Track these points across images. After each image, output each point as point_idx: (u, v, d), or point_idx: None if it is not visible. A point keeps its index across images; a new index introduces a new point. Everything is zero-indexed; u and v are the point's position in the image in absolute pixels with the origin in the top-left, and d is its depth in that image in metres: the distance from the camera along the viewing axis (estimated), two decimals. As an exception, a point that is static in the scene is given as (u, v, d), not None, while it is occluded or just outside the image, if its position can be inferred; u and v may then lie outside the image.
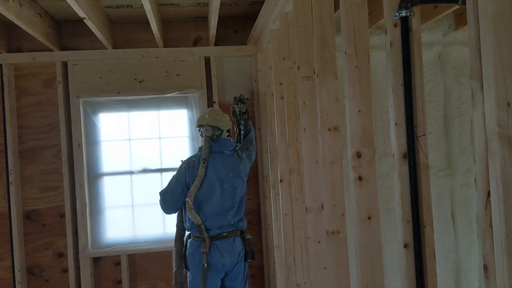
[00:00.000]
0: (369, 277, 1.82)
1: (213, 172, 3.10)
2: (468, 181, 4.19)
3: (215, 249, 3.04)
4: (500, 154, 1.00)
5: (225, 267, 3.08)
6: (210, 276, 3.03)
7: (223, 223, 3.08)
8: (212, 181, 3.08)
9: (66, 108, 3.89)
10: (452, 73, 4.15)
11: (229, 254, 3.07)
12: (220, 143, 3.20)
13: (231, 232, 3.11)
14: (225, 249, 3.06)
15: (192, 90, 3.97)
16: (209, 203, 3.06)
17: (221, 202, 3.08)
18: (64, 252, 3.87)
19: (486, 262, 1.13)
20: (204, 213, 3.05)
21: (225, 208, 3.09)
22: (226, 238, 3.08)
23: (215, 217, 3.07)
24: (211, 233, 3.06)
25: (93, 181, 3.98)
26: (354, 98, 1.84)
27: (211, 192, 3.07)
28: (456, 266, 4.19)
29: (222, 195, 3.09)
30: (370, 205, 1.89)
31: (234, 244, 3.10)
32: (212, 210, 3.06)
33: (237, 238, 3.13)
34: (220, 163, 3.14)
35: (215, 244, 3.04)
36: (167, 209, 3.20)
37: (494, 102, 1.00)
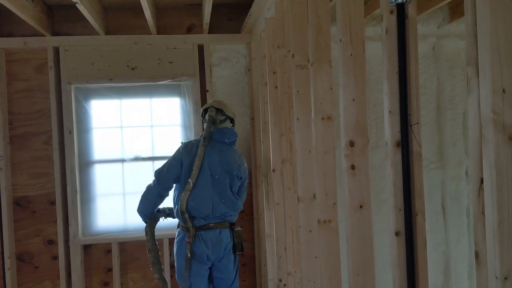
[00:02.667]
0: (360, 266, 1.82)
1: (207, 158, 3.07)
2: (459, 174, 4.22)
3: (200, 240, 3.01)
4: (494, 140, 0.99)
5: (210, 258, 3.05)
6: (195, 266, 3.01)
7: (209, 212, 3.04)
8: (205, 168, 3.07)
9: (58, 94, 3.85)
10: (445, 65, 4.16)
11: (215, 245, 3.04)
12: (222, 131, 3.18)
13: (218, 224, 3.07)
14: (210, 241, 3.03)
15: (185, 78, 3.94)
16: (198, 188, 3.02)
17: (211, 192, 3.05)
18: (54, 239, 3.85)
19: (477, 249, 1.13)
20: (192, 197, 3.01)
21: (214, 199, 3.06)
22: (212, 229, 3.05)
23: (202, 205, 3.02)
24: (197, 223, 3.02)
25: (84, 168, 3.95)
26: (348, 86, 1.83)
27: (202, 178, 3.04)
28: (445, 257, 4.23)
29: (212, 186, 3.06)
30: (362, 194, 1.89)
31: (221, 235, 3.07)
32: (200, 196, 3.02)
33: (225, 230, 3.09)
34: (216, 153, 3.11)
35: (200, 234, 3.01)
36: (156, 192, 3.10)
37: (489, 88, 1.00)
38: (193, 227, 3.00)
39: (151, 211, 3.19)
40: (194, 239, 2.99)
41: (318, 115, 2.22)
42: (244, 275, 4.13)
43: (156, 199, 3.15)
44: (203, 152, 3.06)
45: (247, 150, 4.13)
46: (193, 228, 2.99)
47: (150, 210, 3.18)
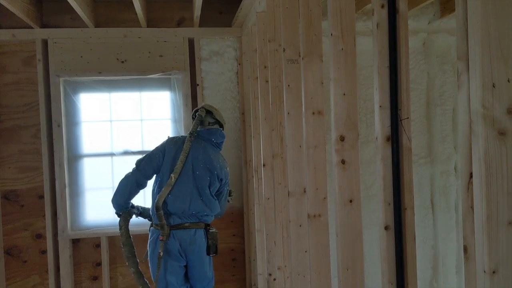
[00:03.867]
0: (349, 259, 1.83)
1: (192, 154, 3.06)
2: (448, 169, 4.25)
3: (173, 238, 2.97)
4: (483, 135, 1.00)
5: (183, 256, 3.02)
6: (170, 264, 2.98)
7: (185, 208, 2.99)
8: (188, 163, 3.04)
9: (46, 87, 3.81)
10: (435, 61, 4.18)
11: (188, 246, 3.00)
12: (210, 130, 3.18)
13: (193, 224, 3.02)
14: (184, 241, 2.98)
15: (175, 72, 3.92)
16: (179, 182, 3.00)
17: (191, 188, 3.01)
18: (42, 233, 3.82)
19: (466, 243, 1.14)
20: (171, 191, 2.98)
21: (193, 194, 3.02)
22: (187, 229, 3.00)
23: (180, 199, 2.99)
24: (172, 221, 2.98)
25: (73, 162, 3.92)
26: (339, 80, 1.83)
27: (184, 173, 3.02)
28: (434, 252, 4.26)
29: (192, 181, 3.03)
30: (352, 189, 1.89)
31: (195, 236, 3.01)
32: (179, 190, 2.99)
33: (200, 230, 3.03)
34: (201, 150, 3.10)
35: (174, 233, 2.97)
36: (133, 179, 3.06)
37: (479, 83, 1.00)
38: (168, 226, 2.96)
39: (125, 201, 3.10)
40: (168, 237, 2.95)
41: (309, 110, 2.22)
42: (233, 270, 4.13)
43: (133, 188, 3.07)
44: (188, 147, 3.05)
45: (237, 144, 4.12)
46: (167, 226, 2.95)
47: (124, 200, 3.09)
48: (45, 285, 3.83)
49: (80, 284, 3.91)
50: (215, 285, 4.03)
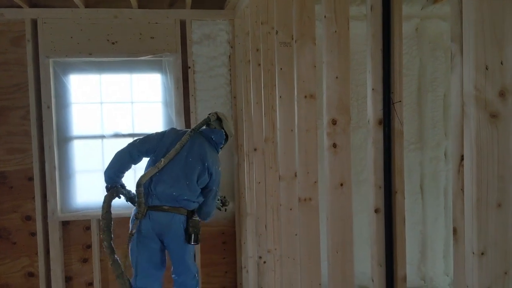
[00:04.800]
0: (339, 242, 1.84)
1: (188, 145, 3.14)
2: (437, 155, 4.28)
3: (147, 219, 2.99)
4: (475, 117, 1.00)
5: (159, 240, 3.03)
6: (142, 243, 3.00)
7: (166, 189, 3.01)
8: (183, 152, 3.11)
9: (35, 68, 3.75)
10: (428, 47, 4.18)
11: (163, 229, 3.00)
12: (213, 130, 3.30)
13: (172, 208, 3.02)
14: (159, 223, 2.99)
15: (166, 54, 3.88)
16: (169, 165, 3.05)
17: (178, 170, 3.06)
18: (32, 215, 3.80)
19: (455, 225, 1.15)
20: (159, 174, 3.04)
21: (180, 177, 3.05)
22: (165, 212, 3.00)
23: (165, 177, 3.03)
24: (150, 202, 3.01)
25: (62, 144, 3.89)
26: (332, 64, 1.82)
27: (176, 158, 3.08)
28: (422, 237, 4.31)
29: (183, 166, 3.08)
30: (343, 172, 1.90)
31: (173, 221, 3.01)
32: (167, 170, 3.04)
33: (180, 216, 3.03)
34: (198, 143, 3.17)
35: (150, 214, 2.99)
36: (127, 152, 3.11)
37: (472, 65, 1.00)
38: (146, 205, 2.98)
39: (115, 173, 3.13)
40: (143, 216, 2.97)
41: (301, 94, 2.21)
42: (224, 253, 4.15)
43: (125, 160, 3.11)
44: (186, 140, 3.12)
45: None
46: (145, 206, 2.98)
47: (114, 171, 3.12)
48: (34, 267, 3.82)
49: (70, 266, 3.91)
50: (206, 268, 4.07)
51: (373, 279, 1.64)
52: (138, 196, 2.97)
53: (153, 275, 3.07)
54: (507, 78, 0.99)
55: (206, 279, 4.10)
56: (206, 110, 4.01)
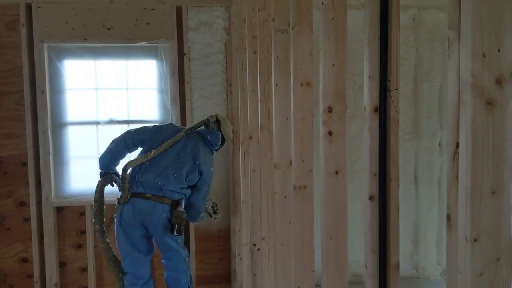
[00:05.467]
0: (333, 230, 1.84)
1: (182, 142, 3.16)
2: (432, 145, 4.30)
3: (129, 206, 3.00)
4: (471, 105, 1.00)
5: (143, 227, 3.04)
6: (124, 229, 3.02)
7: (152, 180, 3.02)
8: (176, 147, 3.13)
9: (30, 53, 3.72)
10: (425, 37, 4.17)
11: (145, 217, 3.00)
12: (210, 131, 3.33)
13: (155, 196, 3.02)
14: (140, 211, 2.99)
15: (162, 41, 3.85)
16: (159, 158, 3.09)
17: (169, 161, 3.08)
18: (26, 201, 3.79)
19: (449, 212, 1.15)
20: (148, 163, 3.07)
21: (168, 167, 3.07)
22: (147, 200, 3.01)
23: (154, 167, 3.05)
24: (134, 188, 3.02)
25: (57, 130, 3.87)
26: (329, 51, 1.81)
27: (169, 151, 3.11)
28: (415, 226, 4.34)
29: (174, 159, 3.09)
30: (338, 160, 1.90)
31: (155, 209, 3.01)
32: (157, 159, 3.07)
33: (163, 205, 3.03)
34: (193, 142, 3.19)
35: (133, 200, 3.00)
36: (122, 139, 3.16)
37: (470, 52, 0.99)
38: (129, 192, 3.00)
39: (110, 160, 3.16)
40: (125, 201, 2.99)
41: (297, 81, 2.19)
42: (218, 240, 4.17)
43: (120, 147, 3.14)
44: (181, 136, 3.15)
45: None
46: (129, 192, 3.00)
47: (109, 158, 3.15)
48: (28, 252, 3.83)
49: (64, 252, 3.91)
50: (200, 255, 4.08)
51: (366, 265, 1.65)
52: (122, 181, 2.99)
53: (139, 260, 3.09)
54: (504, 66, 0.99)
55: (200, 266, 4.12)
56: (201, 98, 4.00)
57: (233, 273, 4.14)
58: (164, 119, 4.02)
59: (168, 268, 3.19)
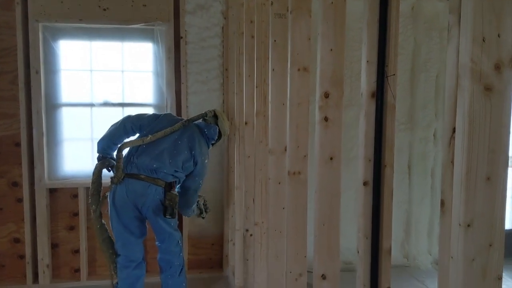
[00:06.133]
0: (326, 215, 1.85)
1: (179, 133, 3.17)
2: (427, 136, 4.31)
3: (122, 186, 3.01)
4: (469, 89, 0.99)
5: (136, 208, 3.04)
6: (119, 210, 3.02)
7: (147, 162, 3.04)
8: (173, 135, 3.15)
9: (24, 32, 3.67)
10: (423, 27, 4.16)
11: (138, 198, 3.00)
12: (208, 125, 3.35)
13: (149, 178, 3.03)
14: (133, 192, 3.00)
15: (159, 23, 3.81)
16: (156, 143, 3.10)
17: (165, 146, 3.10)
18: (19, 181, 3.77)
19: (443, 197, 1.16)
20: (145, 147, 3.08)
21: (165, 151, 3.09)
22: (141, 181, 3.01)
23: (148, 155, 3.06)
24: (129, 169, 3.04)
25: (51, 110, 3.84)
26: (327, 35, 1.79)
27: (166, 138, 3.12)
28: (407, 215, 4.37)
29: (171, 145, 3.12)
30: (333, 146, 1.89)
31: (148, 190, 3.02)
32: (152, 149, 3.08)
33: (156, 187, 3.03)
34: (189, 133, 3.21)
35: (127, 181, 3.01)
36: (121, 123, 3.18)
37: (469, 37, 0.99)
38: (123, 172, 3.02)
39: (107, 144, 3.16)
40: (118, 181, 3.00)
41: (294, 66, 2.18)
42: (211, 226, 4.17)
43: (118, 131, 3.16)
44: (179, 127, 3.17)
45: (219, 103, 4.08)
46: (123, 172, 3.01)
47: (107, 142, 3.16)
48: (21, 233, 3.82)
49: (56, 233, 3.90)
50: (193, 240, 4.09)
51: (358, 250, 1.66)
52: (117, 161, 3.00)
53: (131, 243, 3.09)
54: (503, 51, 0.99)
55: (193, 251, 4.13)
56: (197, 83, 3.98)
57: (225, 258, 4.15)
58: (159, 103, 3.99)
59: (161, 250, 3.20)
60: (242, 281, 3.54)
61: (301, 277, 2.08)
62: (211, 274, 4.12)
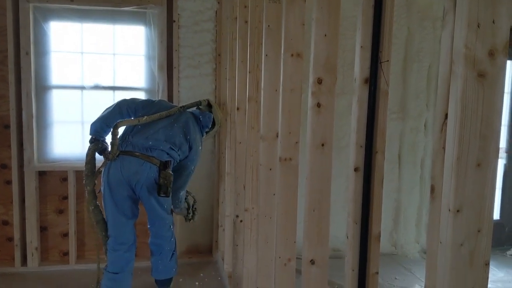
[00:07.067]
0: (316, 201, 1.85)
1: (175, 117, 3.21)
2: (418, 126, 4.33)
3: (117, 162, 3.00)
4: (463, 76, 0.99)
5: (130, 187, 3.02)
6: (113, 188, 3.00)
7: (142, 141, 3.05)
8: (169, 119, 3.18)
9: (15, 13, 3.61)
10: (417, 16, 4.15)
11: (131, 175, 2.98)
12: (203, 112, 3.40)
13: (144, 155, 3.01)
14: (127, 169, 2.98)
15: (151, 6, 3.77)
16: (152, 124, 3.13)
17: (160, 128, 3.12)
18: (7, 163, 3.74)
19: (434, 183, 1.16)
20: (142, 127, 3.11)
21: (160, 130, 3.11)
22: (136, 158, 3.00)
23: (144, 133, 3.08)
24: (124, 147, 3.04)
25: (41, 92, 3.79)
26: (321, 21, 1.78)
27: (161, 120, 3.15)
28: (397, 205, 4.40)
29: (167, 125, 3.14)
30: (325, 133, 1.89)
31: (142, 167, 2.99)
32: (148, 129, 3.10)
33: (151, 165, 3.01)
34: (184, 119, 3.25)
35: (121, 158, 3.00)
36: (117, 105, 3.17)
37: (464, 22, 0.99)
38: (118, 149, 3.02)
39: (101, 126, 3.11)
40: (113, 157, 2.99)
41: (288, 52, 2.17)
42: (202, 212, 4.17)
43: (113, 114, 3.13)
44: (174, 112, 3.19)
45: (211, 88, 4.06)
46: (117, 150, 3.01)
47: (100, 124, 3.11)
48: (9, 215, 3.80)
49: (45, 216, 3.89)
50: (183, 224, 4.09)
51: (348, 236, 1.67)
52: (112, 138, 2.98)
53: (122, 224, 3.05)
54: (497, 38, 0.99)
55: (182, 235, 4.13)
56: (189, 68, 3.95)
57: (215, 244, 4.17)
58: (151, 87, 3.96)
59: (152, 233, 3.21)
60: (231, 266, 3.56)
61: (290, 262, 2.09)
62: (200, 259, 4.13)
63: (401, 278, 3.85)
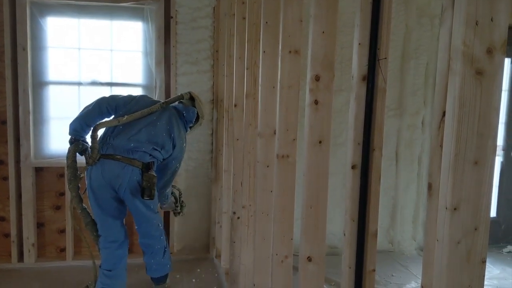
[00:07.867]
0: (314, 198, 1.85)
1: (158, 114, 3.11)
2: (415, 123, 4.33)
3: (98, 166, 2.93)
4: (461, 73, 0.99)
5: (113, 190, 2.97)
6: (95, 191, 2.95)
7: (124, 142, 2.97)
8: (151, 117, 3.08)
9: (12, 8, 3.59)
10: (415, 13, 4.15)
11: (113, 179, 2.92)
12: (186, 107, 3.29)
13: (125, 158, 2.94)
14: (109, 171, 2.92)
15: (149, 2, 3.75)
16: (133, 124, 3.03)
17: (141, 127, 3.03)
18: (4, 159, 3.72)
19: (431, 181, 1.16)
20: (122, 127, 3.01)
21: (142, 130, 3.02)
22: (117, 161, 2.93)
23: (126, 134, 2.99)
24: (105, 150, 2.96)
25: (38, 88, 3.78)
26: (319, 18, 1.78)
27: (143, 119, 3.06)
28: (393, 202, 4.41)
29: (149, 124, 3.05)
30: (322, 129, 1.89)
31: (123, 171, 2.92)
32: (129, 129, 3.01)
33: (132, 168, 2.94)
34: (167, 116, 3.15)
35: (102, 161, 2.93)
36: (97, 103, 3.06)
37: (463, 19, 0.98)
38: (99, 153, 2.93)
39: (80, 126, 3.03)
40: (94, 162, 2.92)
41: (286, 48, 2.16)
42: (199, 209, 4.17)
43: (93, 112, 3.03)
44: (156, 108, 3.09)
45: (209, 85, 4.05)
46: (98, 153, 2.93)
47: (80, 123, 3.02)
48: (6, 211, 3.79)
49: (42, 212, 3.88)
50: (179, 221, 4.09)
51: (345, 233, 1.67)
52: (92, 141, 2.89)
53: (109, 224, 3.03)
54: (496, 35, 0.99)
55: (180, 232, 4.13)
56: (186, 64, 3.94)
57: (212, 240, 4.17)
58: (148, 83, 3.95)
59: (140, 234, 3.15)
60: (229, 263, 3.56)
61: (287, 259, 2.09)
62: (197, 255, 4.13)
63: (398, 275, 3.86)
